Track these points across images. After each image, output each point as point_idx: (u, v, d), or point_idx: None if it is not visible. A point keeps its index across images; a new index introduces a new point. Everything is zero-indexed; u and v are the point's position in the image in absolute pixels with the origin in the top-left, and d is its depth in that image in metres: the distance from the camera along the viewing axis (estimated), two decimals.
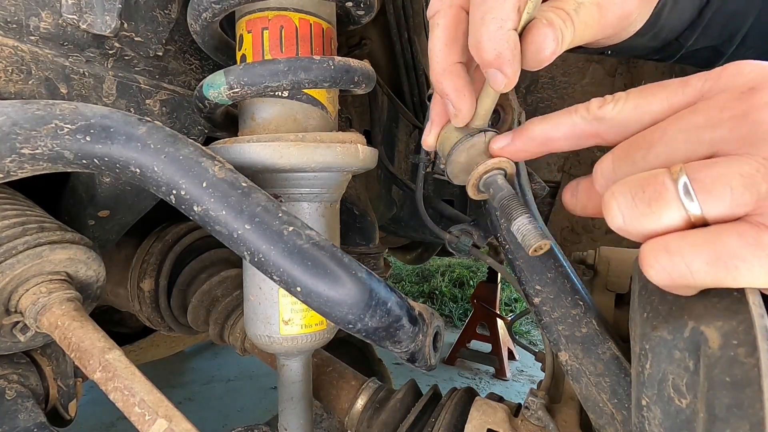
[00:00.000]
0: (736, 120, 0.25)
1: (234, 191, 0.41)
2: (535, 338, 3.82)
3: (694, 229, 0.26)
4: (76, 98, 0.57)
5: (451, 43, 0.36)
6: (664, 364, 0.31)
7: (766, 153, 0.24)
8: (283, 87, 0.51)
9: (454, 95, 0.37)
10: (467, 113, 0.38)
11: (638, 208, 0.27)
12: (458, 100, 0.37)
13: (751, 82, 0.26)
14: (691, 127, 0.27)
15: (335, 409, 0.72)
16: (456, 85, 0.37)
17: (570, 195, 0.37)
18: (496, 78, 0.34)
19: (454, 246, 0.65)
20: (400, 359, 0.47)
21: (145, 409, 0.39)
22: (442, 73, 0.37)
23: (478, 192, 0.41)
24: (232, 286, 0.86)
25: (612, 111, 0.32)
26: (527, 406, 0.56)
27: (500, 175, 0.39)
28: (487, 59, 0.33)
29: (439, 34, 0.37)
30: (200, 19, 0.53)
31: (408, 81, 1.13)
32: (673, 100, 0.30)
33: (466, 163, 0.40)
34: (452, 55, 0.37)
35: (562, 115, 0.35)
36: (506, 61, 0.33)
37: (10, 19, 0.50)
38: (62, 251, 0.52)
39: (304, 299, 0.40)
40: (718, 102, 0.27)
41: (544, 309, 0.50)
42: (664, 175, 0.26)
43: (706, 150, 0.26)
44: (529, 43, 0.33)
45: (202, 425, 0.43)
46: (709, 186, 0.25)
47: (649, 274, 0.28)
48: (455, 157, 0.40)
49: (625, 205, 0.28)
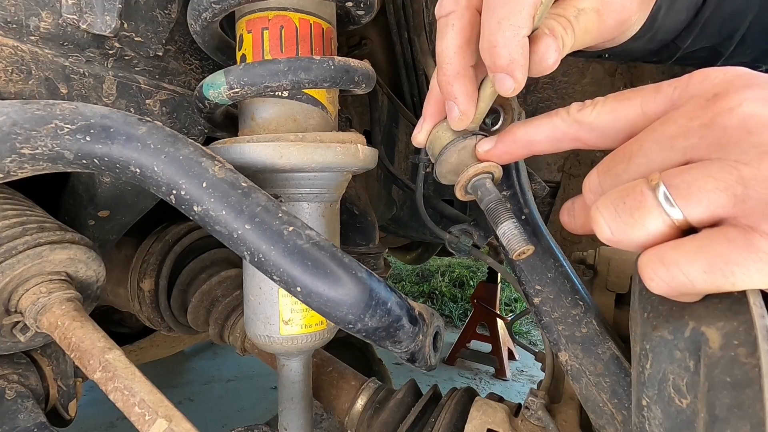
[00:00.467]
0: (705, 128, 0.26)
1: (234, 191, 0.41)
2: (535, 338, 3.82)
3: (686, 237, 0.27)
4: (76, 98, 0.57)
5: (465, 47, 0.36)
6: (664, 364, 0.31)
7: (737, 156, 0.25)
8: (283, 87, 0.50)
9: (463, 99, 0.37)
10: (471, 116, 0.39)
11: (622, 218, 0.28)
12: (467, 104, 0.38)
13: (715, 88, 0.27)
14: (665, 137, 0.28)
15: (335, 409, 0.72)
16: (467, 90, 0.37)
17: (567, 215, 0.37)
18: (505, 83, 0.34)
19: (454, 246, 0.65)
20: (400, 359, 0.47)
21: (145, 409, 0.39)
22: (455, 76, 0.37)
23: (465, 194, 0.41)
24: (232, 286, 0.86)
25: (590, 115, 0.33)
26: (527, 406, 0.56)
27: (488, 179, 0.40)
28: (500, 64, 0.33)
29: (453, 36, 0.36)
30: (200, 19, 0.53)
31: (408, 81, 1.13)
32: (646, 106, 0.31)
33: (455, 165, 0.41)
34: (465, 59, 0.37)
35: (544, 118, 0.36)
36: (518, 67, 0.33)
37: (10, 19, 0.50)
38: (62, 251, 0.52)
39: (304, 299, 0.40)
40: (687, 110, 0.28)
41: (544, 309, 0.50)
42: (642, 184, 0.28)
43: (680, 157, 0.27)
44: (533, 52, 0.34)
45: (202, 425, 0.43)
46: (685, 191, 0.26)
47: (650, 286, 0.28)
48: (446, 158, 0.41)
49: (610, 217, 0.29)
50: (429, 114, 0.42)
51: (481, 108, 0.39)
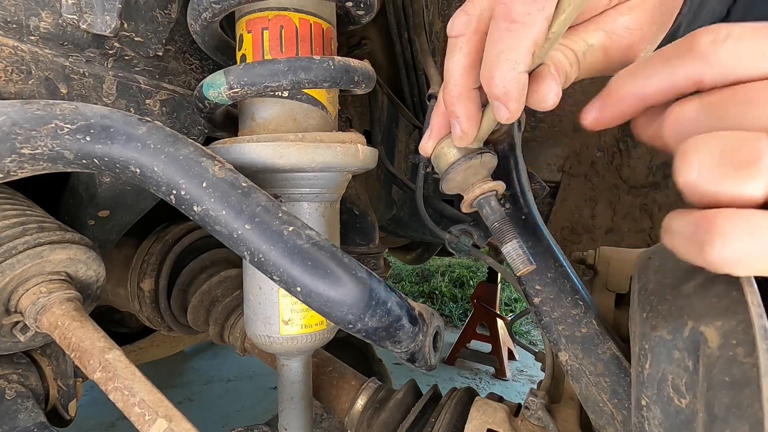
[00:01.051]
0: None
1: (234, 191, 0.42)
2: (535, 338, 3.82)
3: None
4: (76, 98, 0.57)
5: (470, 69, 0.37)
6: (663, 364, 0.31)
7: None
8: (283, 87, 0.51)
9: (464, 120, 0.38)
10: (472, 137, 0.40)
11: (723, 167, 0.24)
12: (468, 125, 0.39)
13: None
14: None
15: (335, 409, 0.72)
16: (469, 112, 0.38)
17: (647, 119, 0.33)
18: (500, 111, 0.35)
19: (454, 246, 0.65)
20: (400, 359, 0.48)
21: (145, 409, 0.39)
22: (458, 97, 0.38)
23: (470, 209, 0.43)
24: (232, 286, 0.86)
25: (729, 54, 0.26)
26: (527, 406, 0.56)
27: (492, 197, 0.42)
28: (495, 93, 0.34)
29: (460, 59, 0.37)
30: (200, 19, 0.53)
31: (408, 81, 1.13)
32: None
33: (461, 182, 0.43)
34: (470, 82, 0.37)
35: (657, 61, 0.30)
36: (512, 99, 0.34)
37: (10, 19, 0.50)
38: (62, 251, 0.52)
39: (304, 299, 0.40)
40: None
41: (544, 309, 0.50)
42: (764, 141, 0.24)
43: None
44: (533, 90, 0.34)
45: (202, 425, 0.43)
46: None
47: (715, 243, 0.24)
48: (452, 176, 0.42)
49: (709, 161, 0.25)
50: (436, 127, 0.43)
51: (483, 128, 0.40)
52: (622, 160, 1.36)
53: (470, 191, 0.42)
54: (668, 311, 0.31)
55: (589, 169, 1.39)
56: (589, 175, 1.39)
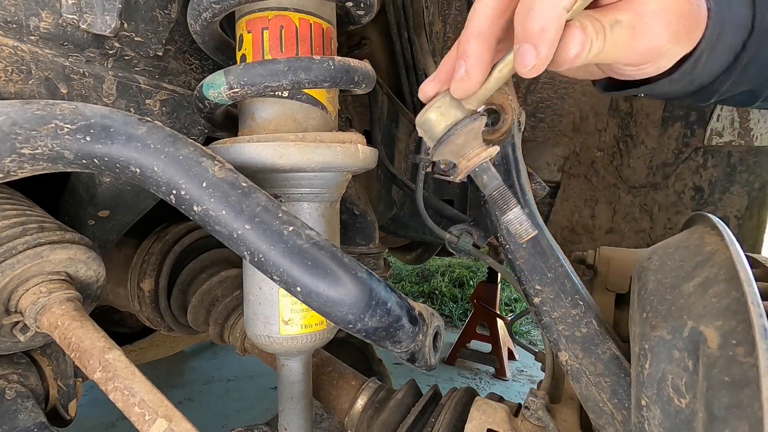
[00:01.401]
0: None
1: (234, 191, 0.42)
2: (535, 338, 3.82)
3: None
4: (76, 98, 0.57)
5: (497, 16, 0.36)
6: (663, 363, 0.31)
7: None
8: (283, 87, 0.51)
9: (473, 59, 0.36)
10: (474, 84, 0.37)
11: None
12: (474, 66, 0.36)
13: None
14: None
15: (335, 409, 0.72)
16: (480, 52, 0.36)
17: None
18: (527, 56, 0.33)
19: (454, 246, 0.65)
20: (400, 359, 0.48)
21: (145, 409, 0.39)
22: (475, 35, 0.36)
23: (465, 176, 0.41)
24: (232, 286, 0.86)
25: None
26: (527, 406, 0.56)
27: (490, 164, 0.39)
28: (530, 31, 0.32)
29: (489, 2, 0.36)
30: (200, 19, 0.53)
31: (408, 81, 1.13)
32: None
33: (462, 146, 0.39)
34: (494, 27, 0.36)
35: None
36: (547, 39, 0.32)
37: (10, 19, 0.50)
38: (62, 251, 0.52)
39: (304, 299, 0.40)
40: None
41: (544, 309, 0.50)
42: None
43: None
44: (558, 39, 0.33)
45: (202, 425, 0.43)
46: None
47: None
48: (454, 138, 0.39)
49: None
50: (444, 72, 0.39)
51: (490, 86, 0.37)
52: (622, 160, 1.36)
53: (468, 157, 0.39)
54: (668, 311, 0.31)
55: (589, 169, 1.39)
56: (589, 175, 1.39)
